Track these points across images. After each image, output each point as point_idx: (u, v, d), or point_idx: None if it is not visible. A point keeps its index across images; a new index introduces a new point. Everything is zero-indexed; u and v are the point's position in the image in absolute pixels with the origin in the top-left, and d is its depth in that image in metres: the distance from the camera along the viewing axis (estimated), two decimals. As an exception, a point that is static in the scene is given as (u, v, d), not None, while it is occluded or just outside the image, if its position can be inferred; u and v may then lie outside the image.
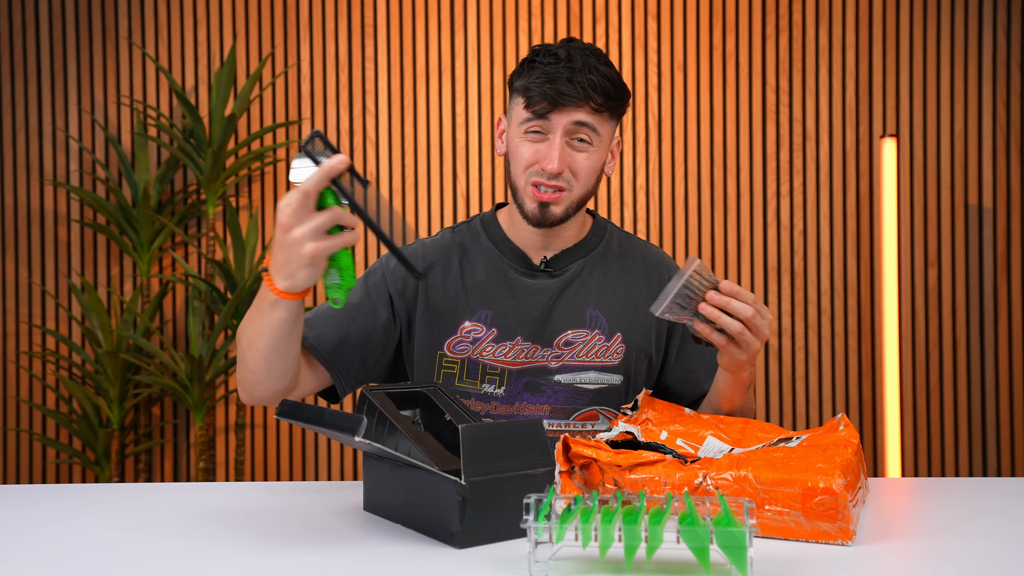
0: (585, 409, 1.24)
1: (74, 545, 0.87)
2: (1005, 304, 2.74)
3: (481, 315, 1.24)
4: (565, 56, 1.16)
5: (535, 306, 1.24)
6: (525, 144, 1.19)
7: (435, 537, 0.86)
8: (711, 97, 2.79)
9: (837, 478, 0.82)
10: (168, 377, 2.62)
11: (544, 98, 1.15)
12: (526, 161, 1.19)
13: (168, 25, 2.84)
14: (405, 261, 0.95)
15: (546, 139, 1.18)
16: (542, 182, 1.18)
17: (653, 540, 0.71)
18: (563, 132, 1.17)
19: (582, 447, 0.92)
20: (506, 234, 1.28)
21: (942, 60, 2.76)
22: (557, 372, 1.23)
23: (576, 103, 1.15)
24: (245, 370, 1.10)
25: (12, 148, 2.86)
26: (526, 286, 1.25)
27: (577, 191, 1.20)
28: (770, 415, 2.78)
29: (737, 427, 1.06)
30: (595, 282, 1.27)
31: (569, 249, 1.28)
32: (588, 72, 1.15)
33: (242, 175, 2.75)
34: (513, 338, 1.23)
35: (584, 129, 1.17)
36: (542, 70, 1.16)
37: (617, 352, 1.25)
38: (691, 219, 2.79)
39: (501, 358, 1.23)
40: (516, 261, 1.27)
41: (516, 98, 1.21)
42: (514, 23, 2.81)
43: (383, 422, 0.93)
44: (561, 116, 1.16)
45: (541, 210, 1.19)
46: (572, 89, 1.14)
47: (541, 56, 1.18)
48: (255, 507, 1.03)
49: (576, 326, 1.24)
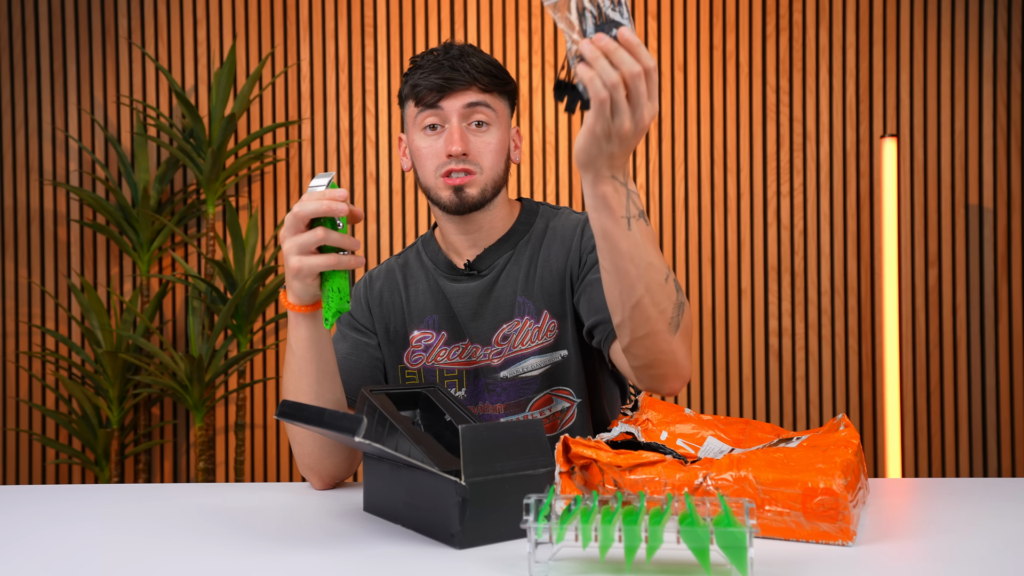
0: (536, 396, 1.25)
1: (74, 545, 0.87)
2: (1005, 304, 2.74)
3: (428, 320, 1.27)
4: (442, 50, 1.21)
5: (465, 308, 1.26)
6: (426, 142, 1.21)
7: (435, 537, 0.86)
8: (711, 97, 2.79)
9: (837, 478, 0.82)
10: (168, 377, 2.62)
11: (432, 88, 1.18)
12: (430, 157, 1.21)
13: (168, 25, 2.84)
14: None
15: (444, 130, 1.20)
16: (451, 168, 1.19)
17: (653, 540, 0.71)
18: (459, 116, 1.19)
19: (582, 447, 0.92)
20: (439, 245, 1.31)
21: (942, 60, 2.76)
22: (501, 368, 1.24)
23: (464, 85, 1.18)
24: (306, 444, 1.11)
25: (12, 148, 2.86)
26: (453, 290, 1.27)
27: (487, 173, 1.21)
28: (770, 415, 2.78)
29: (737, 428, 1.06)
30: (520, 270, 1.26)
31: (494, 245, 1.27)
32: (468, 57, 1.20)
33: (242, 175, 2.75)
34: (462, 339, 1.26)
35: (479, 109, 1.20)
36: (424, 68, 1.20)
37: (550, 329, 1.24)
38: (691, 219, 2.79)
39: (456, 359, 1.26)
40: (444, 269, 1.29)
41: (407, 105, 1.24)
42: (514, 23, 2.81)
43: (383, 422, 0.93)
44: (453, 100, 1.19)
45: (457, 195, 1.20)
46: (457, 74, 1.18)
47: (421, 57, 1.23)
48: (255, 507, 1.03)
49: (508, 318, 1.24)
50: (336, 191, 0.95)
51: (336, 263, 0.95)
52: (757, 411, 2.78)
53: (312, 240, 0.95)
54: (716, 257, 2.78)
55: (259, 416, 2.84)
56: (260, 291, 2.66)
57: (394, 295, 1.31)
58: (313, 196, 0.95)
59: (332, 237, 0.95)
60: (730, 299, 2.78)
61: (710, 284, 2.78)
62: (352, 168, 2.83)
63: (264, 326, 2.77)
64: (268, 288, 2.65)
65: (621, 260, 0.95)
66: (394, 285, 1.31)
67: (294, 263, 0.96)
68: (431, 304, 1.28)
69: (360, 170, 2.83)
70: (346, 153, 2.83)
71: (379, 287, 1.32)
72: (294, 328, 1.05)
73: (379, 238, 2.82)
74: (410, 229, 2.82)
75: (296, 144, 2.83)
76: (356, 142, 2.83)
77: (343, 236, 0.95)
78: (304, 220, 0.95)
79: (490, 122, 1.21)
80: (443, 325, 1.26)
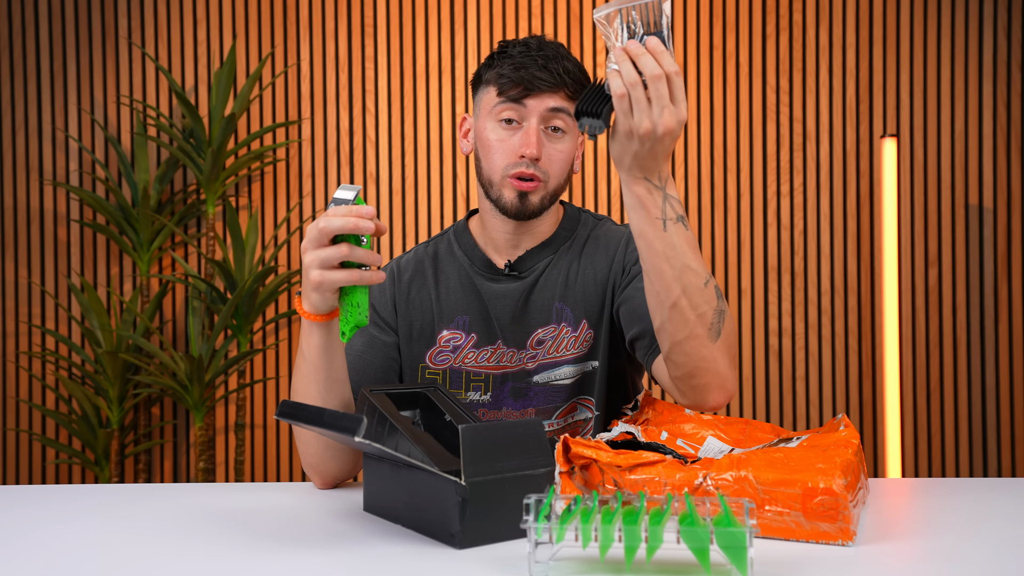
0: (564, 405, 1.24)
1: (74, 545, 0.87)
2: (1005, 304, 2.74)
3: (459, 321, 1.24)
4: (536, 45, 1.18)
5: (503, 310, 1.23)
6: (499, 134, 1.18)
7: (435, 537, 0.86)
8: (711, 97, 2.79)
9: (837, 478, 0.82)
10: (168, 377, 2.62)
11: (520, 83, 1.15)
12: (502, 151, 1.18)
13: (168, 25, 2.84)
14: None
15: (520, 128, 1.17)
16: (522, 171, 1.17)
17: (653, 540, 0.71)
18: (539, 118, 1.17)
19: (582, 447, 0.92)
20: (476, 240, 1.28)
21: (942, 60, 2.76)
22: (535, 373, 1.22)
23: (551, 88, 1.16)
24: (310, 444, 1.11)
25: (12, 148, 2.86)
26: (492, 291, 1.24)
27: (552, 182, 1.20)
28: (770, 415, 2.78)
29: (738, 428, 1.06)
30: (560, 275, 1.24)
31: (536, 248, 1.26)
32: (562, 60, 1.17)
33: (242, 175, 2.75)
34: (494, 342, 1.23)
35: (559, 115, 1.17)
36: (515, 59, 1.16)
37: (586, 340, 1.23)
38: (691, 219, 2.79)
39: (484, 363, 1.23)
40: (482, 267, 1.26)
41: (486, 89, 1.20)
42: (514, 23, 2.81)
43: (383, 422, 0.93)
44: (537, 101, 1.16)
45: (521, 200, 1.18)
46: (547, 75, 1.15)
47: (512, 47, 1.19)
48: (255, 507, 1.03)
49: (544, 323, 1.23)
50: (364, 208, 0.94)
51: (359, 279, 0.95)
52: (757, 411, 2.78)
53: (336, 256, 0.93)
54: (716, 257, 2.78)
55: (259, 416, 2.84)
56: (260, 291, 2.66)
57: (423, 291, 1.26)
58: (340, 212, 0.93)
59: (357, 254, 0.94)
60: (730, 299, 2.78)
61: (710, 284, 2.78)
62: (352, 168, 2.83)
63: (264, 326, 2.77)
64: (268, 288, 2.65)
65: (656, 260, 1.00)
66: (423, 280, 1.27)
67: (315, 276, 0.94)
68: (463, 304, 1.24)
69: (360, 170, 2.83)
70: (346, 153, 2.83)
71: (407, 280, 1.28)
72: (307, 336, 1.04)
73: (378, 238, 2.82)
74: (410, 229, 2.82)
75: (296, 144, 2.83)
76: (356, 142, 2.83)
77: (368, 252, 0.95)
78: (330, 236, 0.93)
79: (567, 130, 1.19)
80: (474, 327, 1.23)
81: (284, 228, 2.83)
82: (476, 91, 1.24)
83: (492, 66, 1.19)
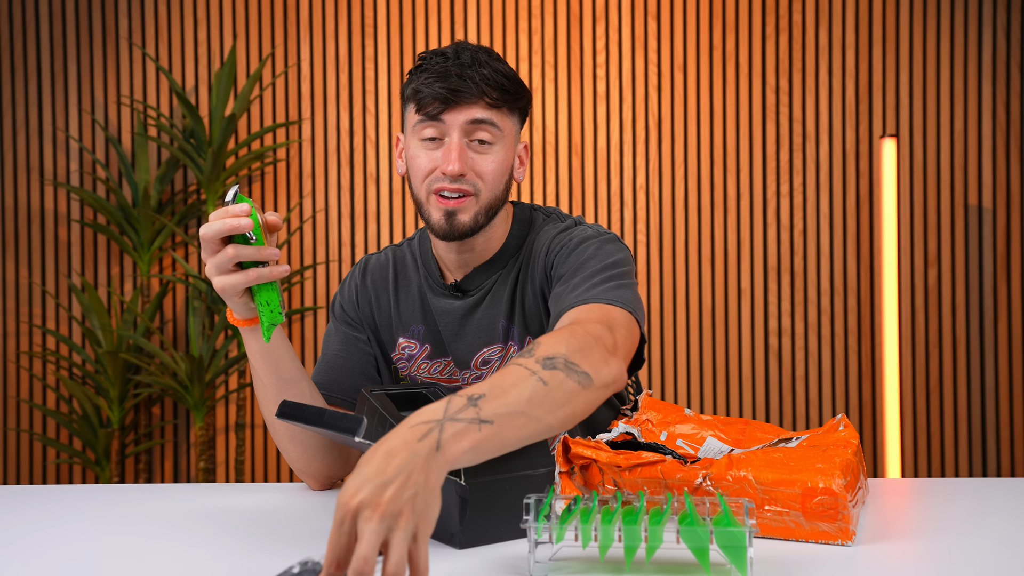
0: None
1: (74, 545, 0.87)
2: (1005, 304, 2.74)
3: (414, 330, 1.22)
4: (453, 54, 1.11)
5: (448, 326, 1.19)
6: (422, 153, 1.11)
7: (435, 537, 0.86)
8: (711, 97, 2.79)
9: (837, 478, 0.82)
10: (168, 377, 2.62)
11: (436, 98, 1.08)
12: (425, 169, 1.11)
13: (168, 25, 2.84)
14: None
15: (443, 143, 1.10)
16: (444, 187, 1.10)
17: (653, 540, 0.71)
18: (460, 132, 1.09)
19: (582, 448, 0.92)
20: (433, 252, 1.22)
21: (942, 60, 2.76)
22: None
23: (470, 99, 1.08)
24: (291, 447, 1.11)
25: (12, 148, 2.86)
26: (439, 307, 1.20)
27: (485, 196, 1.12)
28: (770, 415, 2.78)
29: (737, 428, 1.06)
30: (507, 293, 1.17)
31: (483, 265, 1.18)
32: (479, 67, 1.09)
33: (242, 175, 2.75)
34: (446, 355, 1.21)
35: (483, 127, 1.10)
36: (431, 71, 1.10)
37: None
38: (691, 219, 2.79)
39: (437, 375, 1.22)
40: (434, 281, 1.21)
41: (408, 107, 1.14)
42: (514, 23, 2.81)
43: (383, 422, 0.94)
44: (456, 114, 1.09)
45: (448, 220, 1.11)
46: (464, 85, 1.08)
47: (428, 58, 1.12)
48: (255, 507, 1.03)
49: (490, 342, 1.17)
50: (237, 206, 0.91)
51: (256, 277, 0.93)
52: (757, 411, 2.78)
53: (225, 259, 0.92)
54: (716, 257, 2.78)
55: (259, 416, 2.84)
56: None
57: (384, 296, 1.25)
58: (217, 214, 0.92)
59: (243, 252, 0.92)
60: (730, 299, 2.78)
61: (710, 284, 2.78)
62: (352, 168, 2.83)
63: (264, 326, 2.77)
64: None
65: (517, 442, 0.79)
66: (385, 284, 1.25)
67: (217, 283, 0.94)
68: (418, 314, 1.22)
69: (360, 170, 2.83)
70: (346, 153, 2.83)
71: (371, 284, 1.25)
72: (246, 343, 1.04)
73: (379, 238, 2.82)
74: (410, 229, 2.82)
75: (296, 144, 2.83)
76: (356, 142, 2.83)
77: (256, 249, 0.92)
78: (213, 240, 0.91)
79: (493, 141, 1.11)
80: (427, 338, 1.21)
81: (284, 228, 2.83)
82: (403, 110, 1.17)
83: (410, 82, 1.13)
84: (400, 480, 0.66)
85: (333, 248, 2.83)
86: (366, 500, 0.65)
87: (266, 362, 1.04)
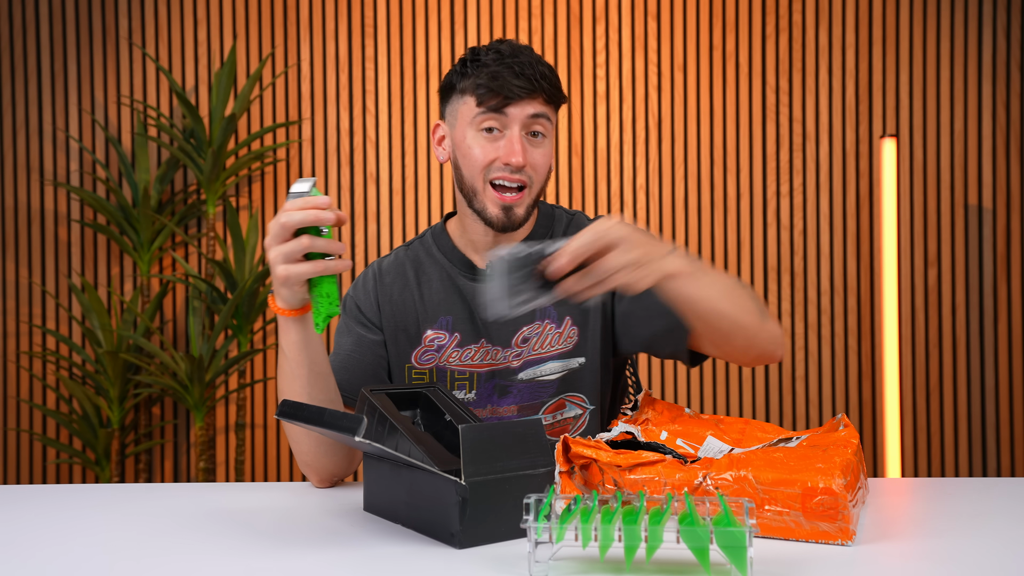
0: (551, 400, 1.25)
1: (74, 545, 0.87)
2: (1005, 304, 2.74)
3: (442, 322, 1.26)
4: (509, 52, 1.19)
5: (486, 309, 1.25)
6: (480, 143, 1.19)
7: (435, 537, 0.86)
8: (711, 97, 2.79)
9: (837, 478, 0.82)
10: (168, 377, 2.62)
11: (500, 92, 1.16)
12: (484, 160, 1.18)
13: (168, 25, 2.85)
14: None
15: (502, 136, 1.18)
16: (504, 177, 1.18)
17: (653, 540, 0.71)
18: (520, 125, 1.18)
19: (582, 447, 0.92)
20: (455, 243, 1.29)
21: (942, 60, 2.76)
22: (520, 370, 1.24)
23: (530, 94, 1.17)
24: (304, 440, 1.12)
25: (12, 148, 2.86)
26: (475, 290, 1.26)
27: (535, 187, 1.22)
28: (770, 415, 2.78)
29: (737, 427, 1.06)
30: None
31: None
32: (537, 65, 1.18)
33: (242, 175, 2.75)
34: (477, 341, 1.25)
35: (539, 121, 1.19)
36: (490, 68, 1.17)
37: (570, 336, 1.25)
38: (691, 219, 2.79)
39: (468, 362, 1.25)
40: (463, 268, 1.27)
41: (462, 98, 1.21)
42: (514, 23, 2.81)
43: (383, 422, 0.94)
44: (517, 110, 1.17)
45: (505, 213, 1.19)
46: (525, 82, 1.16)
47: (484, 54, 1.19)
48: (255, 507, 1.03)
49: (527, 321, 1.24)
50: (320, 198, 0.95)
51: (324, 269, 0.96)
52: (757, 411, 2.78)
53: (298, 248, 0.95)
54: (716, 257, 2.78)
55: (259, 416, 2.84)
56: (260, 291, 2.66)
57: (406, 292, 1.28)
58: (297, 204, 0.95)
59: (318, 244, 0.95)
60: (730, 299, 2.78)
61: (710, 284, 2.78)
62: (352, 168, 2.83)
63: (264, 326, 2.77)
64: (268, 288, 2.66)
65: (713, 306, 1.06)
66: (405, 282, 1.29)
67: (281, 272, 0.96)
68: (446, 304, 1.26)
69: (360, 170, 2.83)
70: (346, 153, 2.83)
71: (389, 283, 1.29)
72: (284, 332, 1.05)
73: (379, 238, 2.82)
74: (410, 229, 2.82)
75: (296, 144, 2.83)
76: (356, 142, 2.83)
77: (329, 242, 0.96)
78: (292, 230, 0.95)
79: (546, 134, 1.20)
80: (457, 327, 1.25)
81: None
82: (447, 99, 1.25)
83: (466, 75, 1.20)
84: (652, 246, 0.92)
85: (333, 248, 2.83)
86: (630, 239, 0.90)
87: (303, 353, 1.06)
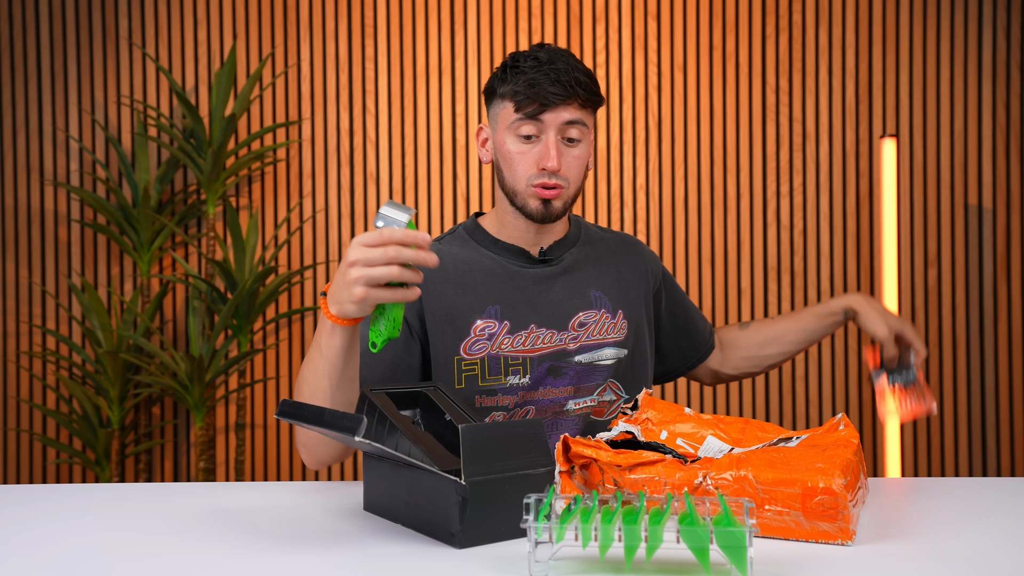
0: (603, 384, 1.32)
1: (74, 545, 0.87)
2: (1005, 304, 2.74)
3: (491, 311, 1.28)
4: (547, 59, 1.24)
5: (542, 293, 1.30)
6: (520, 148, 1.25)
7: (435, 537, 0.86)
8: (711, 97, 2.79)
9: (837, 478, 0.82)
10: (168, 377, 2.62)
11: (536, 99, 1.22)
12: (524, 165, 1.25)
13: (168, 25, 2.85)
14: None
15: (539, 141, 1.24)
16: (544, 182, 1.24)
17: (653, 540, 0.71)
18: (555, 131, 1.23)
19: (582, 447, 0.92)
20: (496, 236, 1.34)
21: (942, 60, 2.76)
22: (576, 353, 1.29)
23: (565, 101, 1.22)
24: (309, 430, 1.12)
25: (12, 148, 2.86)
26: (530, 276, 1.31)
27: (572, 187, 1.27)
28: (770, 415, 2.78)
29: (737, 427, 1.06)
30: (590, 266, 1.36)
31: (559, 241, 1.35)
32: (573, 71, 1.23)
33: (242, 175, 2.75)
34: (527, 327, 1.28)
35: (575, 126, 1.24)
36: (528, 75, 1.23)
37: (622, 328, 1.34)
38: (691, 219, 2.79)
39: (520, 347, 1.28)
40: (514, 256, 1.32)
41: (502, 103, 1.27)
42: (514, 23, 2.81)
43: (383, 422, 0.94)
44: (553, 116, 1.23)
45: (545, 206, 1.26)
46: (560, 88, 1.22)
47: (523, 61, 1.25)
48: (255, 507, 1.03)
49: (585, 307, 1.32)
50: (422, 236, 0.94)
51: (403, 298, 0.96)
52: (757, 411, 2.78)
53: (387, 276, 0.94)
54: (716, 257, 2.78)
55: (259, 416, 2.84)
56: (260, 291, 2.66)
57: (447, 284, 1.28)
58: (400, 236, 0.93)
59: (405, 275, 0.95)
60: (730, 299, 2.78)
61: (710, 284, 2.78)
62: (352, 168, 2.83)
63: (264, 326, 2.77)
64: (268, 288, 2.66)
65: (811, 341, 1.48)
66: (445, 274, 1.29)
67: (360, 292, 0.94)
68: (494, 293, 1.29)
69: (360, 170, 2.83)
70: (346, 153, 2.83)
71: (426, 275, 1.28)
72: (329, 337, 1.04)
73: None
74: (410, 229, 2.82)
75: (296, 144, 2.83)
76: (356, 142, 2.83)
77: (415, 273, 0.95)
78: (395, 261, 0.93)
79: (581, 138, 1.26)
80: (506, 314, 1.28)
81: (284, 228, 2.83)
82: (490, 102, 1.30)
83: (506, 80, 1.25)
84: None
85: (333, 248, 2.83)
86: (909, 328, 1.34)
87: (342, 359, 1.06)
